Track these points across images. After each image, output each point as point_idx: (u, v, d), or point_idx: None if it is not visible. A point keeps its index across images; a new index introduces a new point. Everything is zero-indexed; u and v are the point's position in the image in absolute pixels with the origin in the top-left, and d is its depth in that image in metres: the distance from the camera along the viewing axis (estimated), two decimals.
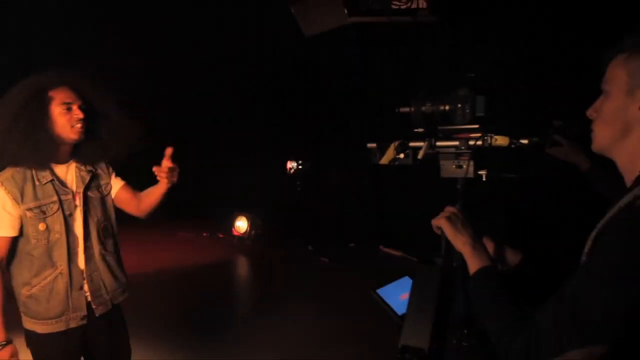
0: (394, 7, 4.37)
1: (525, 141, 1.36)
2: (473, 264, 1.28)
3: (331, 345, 4.09)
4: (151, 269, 6.36)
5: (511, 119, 1.48)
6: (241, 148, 8.13)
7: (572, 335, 0.99)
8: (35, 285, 2.07)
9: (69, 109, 2.06)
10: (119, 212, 2.37)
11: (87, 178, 2.19)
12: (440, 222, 1.37)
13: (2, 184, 2.03)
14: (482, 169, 1.44)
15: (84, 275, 2.14)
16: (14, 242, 2.07)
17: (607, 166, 1.31)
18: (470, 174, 1.44)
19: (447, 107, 1.45)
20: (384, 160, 1.57)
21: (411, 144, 1.53)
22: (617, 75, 1.12)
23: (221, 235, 8.09)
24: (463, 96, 1.40)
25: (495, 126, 1.41)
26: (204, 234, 8.29)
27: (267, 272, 6.65)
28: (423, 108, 1.48)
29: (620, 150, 1.14)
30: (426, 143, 1.49)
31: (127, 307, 2.38)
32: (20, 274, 2.09)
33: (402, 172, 1.52)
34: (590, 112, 1.20)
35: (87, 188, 2.19)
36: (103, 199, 2.26)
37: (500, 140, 1.39)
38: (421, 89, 1.50)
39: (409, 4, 4.40)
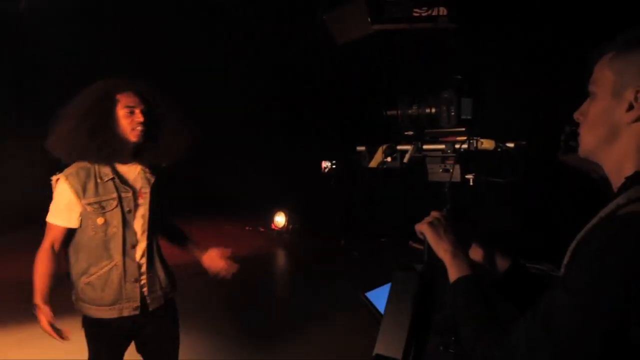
0: (415, 14, 4.17)
1: (511, 144, 1.20)
2: (452, 273, 1.13)
3: (363, 337, 3.96)
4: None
5: (499, 121, 1.32)
6: (280, 149, 8.12)
7: (546, 354, 0.84)
8: (93, 274, 2.08)
9: (131, 112, 2.06)
10: None
11: (152, 180, 2.19)
12: (423, 228, 1.22)
13: (66, 178, 2.03)
14: (469, 172, 1.28)
15: (142, 270, 2.14)
16: (74, 233, 2.09)
17: None
18: (457, 178, 1.28)
19: (433, 110, 1.30)
20: (373, 163, 1.44)
21: (399, 147, 1.38)
22: (603, 76, 0.96)
23: (262, 229, 8.11)
24: (448, 98, 1.25)
25: (481, 129, 1.25)
26: (247, 228, 8.35)
27: (302, 264, 6.60)
28: (410, 111, 1.34)
29: (607, 156, 0.97)
30: (413, 146, 1.34)
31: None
32: (79, 263, 2.10)
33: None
34: (577, 115, 1.04)
35: (153, 189, 2.18)
36: (164, 202, 2.26)
37: (486, 144, 1.23)
38: (408, 91, 1.36)
39: (429, 12, 4.19)
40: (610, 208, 0.86)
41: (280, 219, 7.79)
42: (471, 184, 1.28)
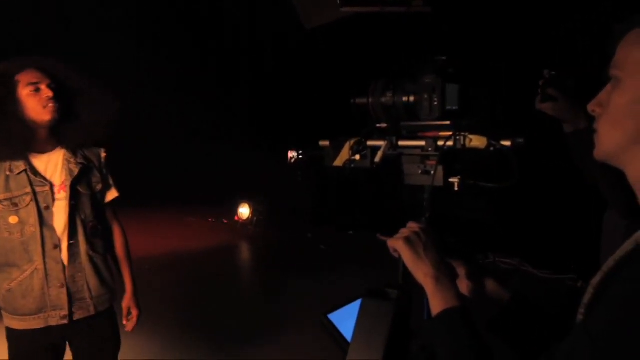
0: None
1: (507, 143, 0.98)
2: (435, 303, 0.91)
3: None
4: (159, 252, 6.11)
5: (492, 114, 1.10)
6: (245, 138, 7.83)
7: None
8: (14, 279, 1.87)
9: (37, 90, 1.82)
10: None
11: (76, 171, 1.93)
12: (397, 245, 0.99)
13: None
14: (454, 175, 1.06)
15: (66, 274, 1.90)
16: None
17: None
18: (439, 182, 1.06)
19: (411, 99, 1.07)
20: (338, 161, 1.20)
21: (370, 143, 1.15)
22: (632, 57, 0.74)
23: (225, 221, 7.81)
24: (429, 84, 1.02)
25: (470, 123, 1.02)
26: (209, 219, 8.03)
27: (267, 258, 6.38)
28: (383, 99, 1.11)
29: (635, 159, 0.76)
30: (386, 143, 1.11)
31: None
32: (0, 268, 1.89)
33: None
34: (592, 107, 0.82)
35: (76, 182, 1.92)
36: (94, 197, 2.00)
37: (476, 141, 1.01)
38: (382, 76, 1.12)
39: None
40: None
41: (244, 211, 7.49)
42: (456, 188, 1.06)
